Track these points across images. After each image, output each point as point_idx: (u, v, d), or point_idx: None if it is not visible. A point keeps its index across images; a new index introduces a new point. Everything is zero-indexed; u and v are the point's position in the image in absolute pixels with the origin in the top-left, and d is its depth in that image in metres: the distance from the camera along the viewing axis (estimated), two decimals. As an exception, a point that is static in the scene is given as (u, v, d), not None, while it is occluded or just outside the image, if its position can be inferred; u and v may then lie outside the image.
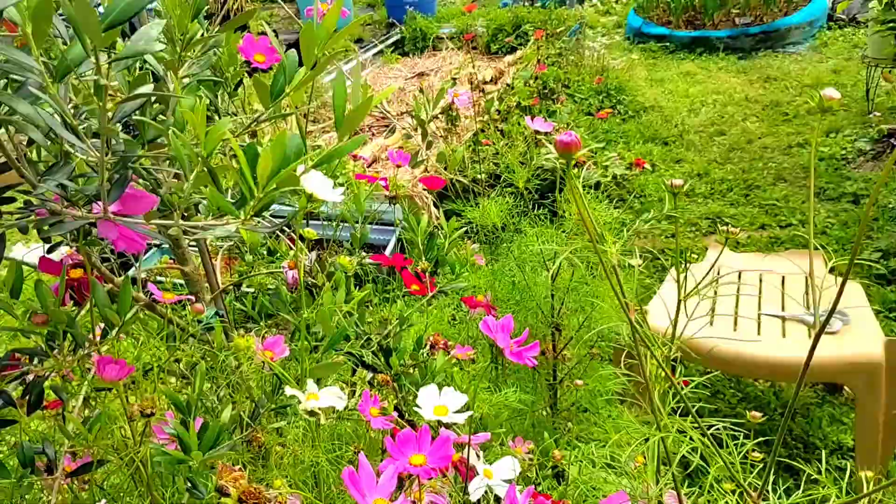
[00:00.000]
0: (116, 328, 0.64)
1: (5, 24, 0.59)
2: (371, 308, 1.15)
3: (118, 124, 0.57)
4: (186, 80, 0.69)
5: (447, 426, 0.92)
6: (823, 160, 3.76)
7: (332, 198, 0.60)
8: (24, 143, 0.64)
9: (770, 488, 0.77)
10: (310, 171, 0.58)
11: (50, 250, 0.70)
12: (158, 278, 1.49)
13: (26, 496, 0.81)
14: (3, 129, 0.58)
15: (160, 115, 0.68)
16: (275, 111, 0.61)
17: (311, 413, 0.71)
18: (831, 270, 0.72)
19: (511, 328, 0.97)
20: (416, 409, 0.82)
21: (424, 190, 2.88)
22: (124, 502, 0.93)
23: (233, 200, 0.56)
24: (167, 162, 0.66)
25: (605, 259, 0.68)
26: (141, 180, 0.69)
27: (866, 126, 3.98)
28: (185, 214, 0.72)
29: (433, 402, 0.83)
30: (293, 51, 0.62)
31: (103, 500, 0.88)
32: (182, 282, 1.15)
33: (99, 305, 0.63)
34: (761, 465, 0.80)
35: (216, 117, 0.88)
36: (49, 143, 0.56)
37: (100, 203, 0.57)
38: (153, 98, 0.67)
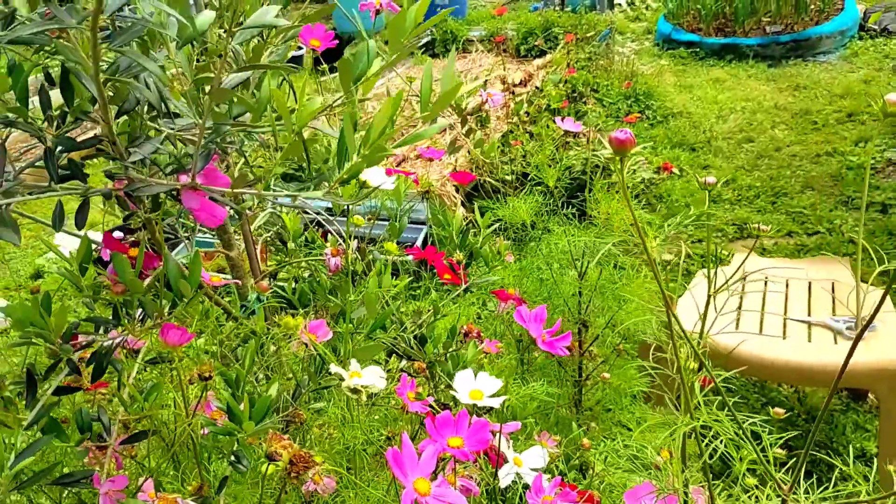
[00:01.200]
0: (187, 300, 0.68)
1: None
2: (403, 304, 1.18)
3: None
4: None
5: (479, 413, 0.94)
6: (852, 169, 3.74)
7: (384, 185, 0.63)
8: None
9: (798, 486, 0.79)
10: (397, 149, 0.61)
11: (126, 218, 0.74)
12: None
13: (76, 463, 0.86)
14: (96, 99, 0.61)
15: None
16: (348, 96, 0.65)
17: (354, 390, 0.75)
18: (863, 280, 0.75)
19: (544, 318, 1.00)
20: (451, 392, 0.85)
21: (454, 186, 2.91)
22: (167, 477, 0.97)
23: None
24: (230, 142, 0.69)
25: (649, 253, 0.71)
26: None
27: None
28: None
29: (469, 387, 0.86)
30: (372, 41, 0.65)
31: (149, 480, 0.92)
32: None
33: (171, 276, 0.66)
34: (787, 464, 0.82)
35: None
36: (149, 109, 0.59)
37: (182, 176, 0.61)
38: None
